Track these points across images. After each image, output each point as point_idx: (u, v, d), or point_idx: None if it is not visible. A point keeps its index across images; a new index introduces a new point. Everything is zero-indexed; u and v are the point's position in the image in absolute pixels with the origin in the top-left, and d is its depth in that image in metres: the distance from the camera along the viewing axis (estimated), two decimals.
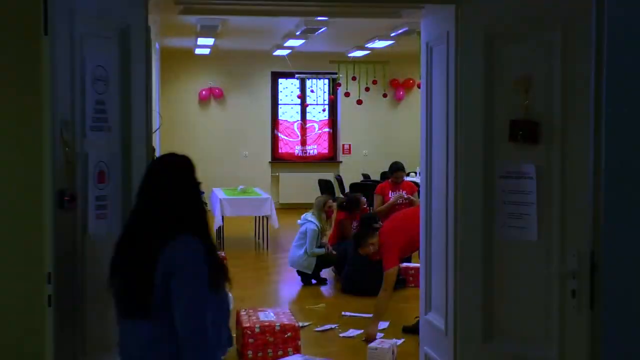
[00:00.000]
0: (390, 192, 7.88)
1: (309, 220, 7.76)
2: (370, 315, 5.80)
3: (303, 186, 13.98)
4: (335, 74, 13.08)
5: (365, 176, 12.85)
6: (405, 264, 7.40)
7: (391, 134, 14.57)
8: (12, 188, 2.64)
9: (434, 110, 3.46)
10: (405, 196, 7.75)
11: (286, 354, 4.97)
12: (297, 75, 13.70)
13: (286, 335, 5.01)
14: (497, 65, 2.94)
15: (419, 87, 12.42)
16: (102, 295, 2.50)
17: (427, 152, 3.54)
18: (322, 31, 9.75)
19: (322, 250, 7.66)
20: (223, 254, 6.32)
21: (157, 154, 9.73)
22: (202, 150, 13.90)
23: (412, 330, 5.44)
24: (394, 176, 7.89)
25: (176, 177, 2.20)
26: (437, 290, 3.43)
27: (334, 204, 8.19)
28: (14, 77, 2.63)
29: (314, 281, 7.68)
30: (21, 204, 2.63)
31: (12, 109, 2.64)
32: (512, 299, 2.95)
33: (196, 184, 2.25)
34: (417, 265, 6.98)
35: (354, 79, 12.66)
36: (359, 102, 12.81)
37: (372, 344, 4.99)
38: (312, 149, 14.82)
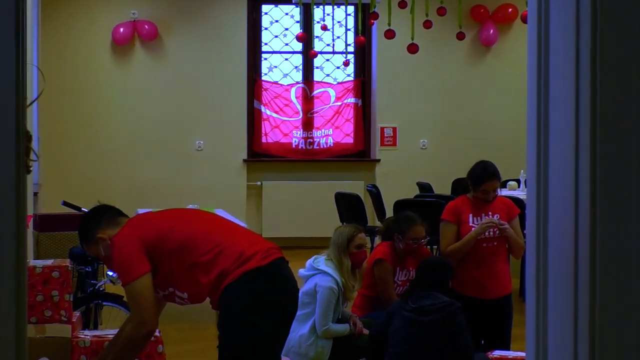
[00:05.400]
0: (471, 216, 7.84)
1: (322, 269, 7.75)
2: None
3: (306, 206, 14.01)
4: None
5: (424, 188, 12.87)
6: (498, 353, 7.40)
7: (472, 108, 14.60)
8: None
9: (551, 64, 3.48)
10: (499, 222, 7.67)
11: None
12: (295, 0, 13.77)
13: None
14: None
15: (524, 21, 12.35)
16: None
17: (539, 142, 3.55)
18: None
19: (344, 328, 7.66)
20: (158, 334, 6.36)
21: (36, 145, 9.71)
22: (119, 138, 13.97)
23: None
24: (481, 189, 7.79)
25: None
26: None
27: (367, 240, 8.21)
28: None
29: None
30: None
31: None
32: None
33: None
34: (521, 355, 6.97)
35: (402, 5, 12.71)
36: (413, 48, 12.84)
37: None
38: (325, 137, 14.87)
